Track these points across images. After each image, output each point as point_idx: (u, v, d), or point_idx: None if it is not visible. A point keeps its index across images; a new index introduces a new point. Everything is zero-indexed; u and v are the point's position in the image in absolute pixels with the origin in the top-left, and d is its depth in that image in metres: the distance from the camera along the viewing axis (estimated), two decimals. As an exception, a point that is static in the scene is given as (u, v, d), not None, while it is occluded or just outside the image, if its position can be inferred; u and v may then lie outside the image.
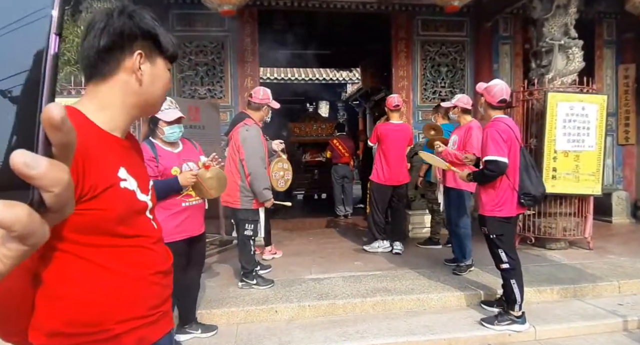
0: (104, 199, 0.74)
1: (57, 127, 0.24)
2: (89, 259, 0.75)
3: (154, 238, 0.89)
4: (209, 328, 2.67)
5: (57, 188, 0.25)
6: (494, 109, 2.75)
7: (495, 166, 2.60)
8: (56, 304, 0.74)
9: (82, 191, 0.71)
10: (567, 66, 4.32)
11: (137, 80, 0.82)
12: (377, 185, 4.19)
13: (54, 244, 0.72)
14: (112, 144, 0.81)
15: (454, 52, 6.25)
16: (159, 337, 0.88)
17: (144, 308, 0.84)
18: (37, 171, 0.23)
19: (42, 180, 0.24)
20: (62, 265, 0.73)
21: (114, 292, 0.79)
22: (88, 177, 0.71)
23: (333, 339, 2.57)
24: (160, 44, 0.84)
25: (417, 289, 3.16)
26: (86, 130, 0.76)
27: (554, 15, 4.27)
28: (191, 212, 2.32)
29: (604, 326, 2.75)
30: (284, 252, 4.26)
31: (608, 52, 6.44)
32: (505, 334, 2.62)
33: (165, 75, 0.87)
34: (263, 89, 3.31)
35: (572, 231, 4.25)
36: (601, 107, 4.21)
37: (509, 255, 2.65)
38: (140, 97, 0.84)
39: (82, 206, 0.72)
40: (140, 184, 0.85)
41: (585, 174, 4.16)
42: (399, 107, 4.20)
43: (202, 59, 5.66)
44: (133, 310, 0.82)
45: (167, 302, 0.92)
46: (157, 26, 0.84)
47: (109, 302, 0.79)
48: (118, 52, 0.79)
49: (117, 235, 0.78)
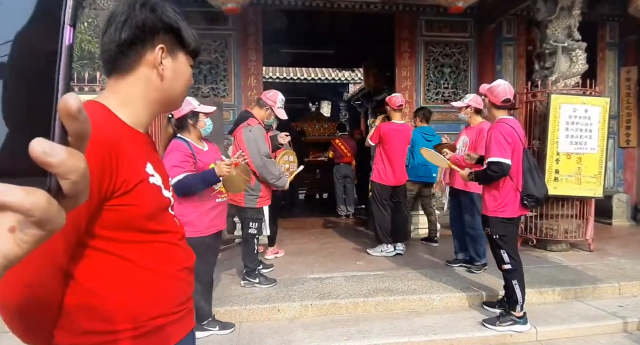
0: (136, 194, 0.73)
1: (74, 117, 0.25)
2: (122, 255, 0.75)
3: (179, 234, 0.89)
4: (226, 326, 2.69)
5: (74, 175, 0.25)
6: (498, 109, 2.76)
7: (499, 168, 2.61)
8: (89, 302, 0.73)
9: (115, 187, 0.70)
10: (570, 68, 4.32)
11: (159, 75, 0.80)
12: (380, 186, 4.16)
13: (86, 241, 0.72)
14: (137, 140, 0.80)
15: (458, 53, 6.26)
16: (184, 335, 0.87)
17: (173, 305, 0.84)
18: (56, 159, 0.24)
19: (60, 168, 0.24)
20: (94, 263, 0.73)
21: (146, 288, 0.79)
22: (121, 173, 0.71)
23: (335, 338, 2.58)
24: (182, 38, 0.83)
25: (420, 289, 3.17)
26: (115, 126, 0.76)
27: (558, 18, 4.27)
28: (222, 208, 2.49)
29: (605, 328, 2.76)
30: (286, 251, 4.28)
31: (611, 54, 6.45)
32: (507, 335, 2.64)
33: (187, 71, 0.86)
34: (275, 91, 3.32)
35: (574, 233, 4.27)
36: (604, 109, 4.21)
37: (511, 257, 2.66)
38: (162, 93, 0.83)
39: (115, 202, 0.71)
40: (164, 180, 0.86)
41: (588, 176, 4.17)
42: (402, 107, 4.19)
43: (206, 58, 5.66)
44: (164, 307, 0.82)
45: (192, 299, 0.92)
46: (180, 20, 0.83)
47: (142, 298, 0.78)
48: (140, 46, 0.78)
49: (147, 231, 0.78)
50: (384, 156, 4.12)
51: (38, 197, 0.24)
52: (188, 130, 2.36)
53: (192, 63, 0.88)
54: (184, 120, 2.34)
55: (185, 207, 2.28)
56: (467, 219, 3.58)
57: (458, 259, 3.81)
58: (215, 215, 2.41)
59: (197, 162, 2.28)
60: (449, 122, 6.14)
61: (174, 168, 2.21)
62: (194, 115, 2.35)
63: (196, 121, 2.36)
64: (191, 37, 0.85)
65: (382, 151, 4.13)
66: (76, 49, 3.36)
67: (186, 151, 2.27)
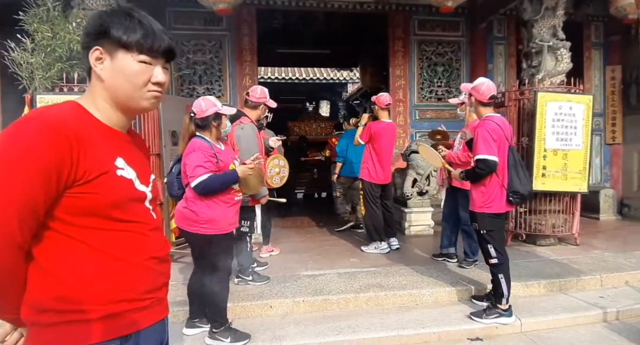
0: (98, 184, 0.81)
1: None
2: (81, 239, 0.82)
3: (150, 225, 0.93)
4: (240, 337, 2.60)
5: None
6: (485, 106, 2.82)
7: (485, 165, 2.68)
8: (46, 280, 0.80)
9: (76, 176, 0.78)
10: (556, 67, 4.41)
11: (97, 76, 0.88)
12: (369, 184, 4.20)
13: (47, 223, 0.79)
14: (110, 136, 0.88)
15: (450, 52, 6.34)
16: (151, 323, 0.91)
17: (136, 292, 0.88)
18: None
19: None
20: (53, 244, 0.80)
21: (107, 273, 0.84)
22: (82, 163, 0.79)
23: (326, 333, 2.64)
24: (116, 36, 0.85)
25: (410, 284, 3.24)
26: (82, 122, 0.84)
27: (543, 17, 4.36)
28: (238, 206, 2.56)
29: (585, 318, 2.85)
30: (282, 249, 4.33)
31: (596, 53, 6.57)
32: (493, 327, 2.72)
33: (129, 68, 0.86)
34: (260, 87, 3.38)
35: (561, 228, 4.35)
36: (587, 107, 4.30)
37: (498, 251, 2.74)
38: (109, 92, 0.88)
39: (77, 190, 0.79)
40: (139, 175, 0.91)
41: (573, 172, 4.25)
42: (389, 105, 4.24)
43: (201, 58, 5.72)
44: (126, 293, 0.86)
45: (162, 289, 0.96)
46: (115, 20, 0.85)
47: (102, 282, 0.83)
48: (87, 51, 0.87)
49: (111, 218, 0.84)
50: (373, 154, 4.16)
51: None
52: (209, 130, 2.42)
53: (143, 59, 0.87)
54: (207, 121, 2.40)
55: (207, 205, 2.34)
56: (463, 215, 3.63)
57: (442, 253, 3.91)
58: (234, 213, 2.50)
59: (218, 161, 2.36)
60: (442, 119, 6.20)
61: (197, 168, 2.27)
62: (217, 117, 2.42)
63: (219, 122, 2.44)
64: (126, 32, 0.85)
65: (372, 149, 4.17)
66: (65, 49, 3.40)
67: (209, 151, 2.34)
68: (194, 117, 2.42)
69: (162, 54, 0.90)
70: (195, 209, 2.35)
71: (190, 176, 2.30)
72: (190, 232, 2.40)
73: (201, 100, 2.45)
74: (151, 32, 0.87)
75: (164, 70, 0.92)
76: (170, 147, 4.04)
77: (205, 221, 2.35)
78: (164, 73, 0.91)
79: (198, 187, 2.30)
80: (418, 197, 5.02)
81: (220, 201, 2.38)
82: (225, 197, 2.40)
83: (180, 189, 2.52)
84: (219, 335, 2.49)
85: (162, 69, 0.91)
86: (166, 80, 0.92)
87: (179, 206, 2.47)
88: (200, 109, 2.40)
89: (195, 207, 2.35)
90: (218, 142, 2.50)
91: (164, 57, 0.91)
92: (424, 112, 6.32)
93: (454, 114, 5.31)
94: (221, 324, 2.50)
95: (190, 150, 2.35)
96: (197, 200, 2.35)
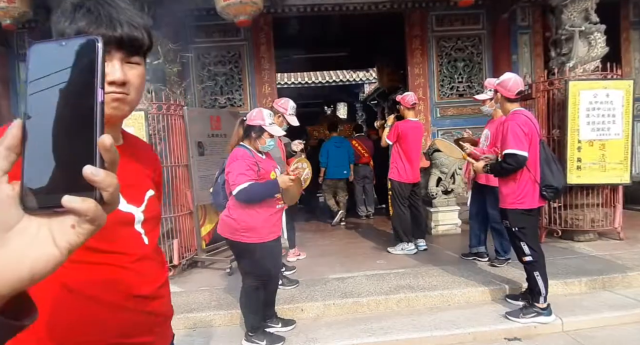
0: None
1: (108, 150, 0.37)
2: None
3: (135, 256, 0.77)
4: (288, 322, 2.79)
5: (111, 188, 0.36)
6: (512, 102, 2.75)
7: (514, 160, 2.60)
8: None
9: None
10: (589, 52, 4.20)
11: None
12: (399, 184, 4.19)
13: None
14: None
15: (471, 46, 6.19)
16: None
17: (111, 335, 0.73)
18: (98, 178, 0.35)
19: (102, 183, 0.35)
20: None
21: (73, 312, 0.70)
22: None
23: (358, 335, 2.64)
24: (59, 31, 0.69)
25: (441, 285, 3.18)
26: None
27: (574, 1, 4.17)
28: (280, 215, 2.57)
29: (634, 316, 2.70)
30: (308, 253, 4.36)
31: (635, 34, 6.17)
32: (531, 326, 2.62)
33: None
34: (286, 99, 3.49)
35: (601, 222, 4.13)
36: (627, 92, 4.06)
37: (531, 248, 2.64)
38: None
39: None
40: (128, 193, 0.76)
41: (613, 162, 4.03)
42: (415, 105, 4.22)
43: (221, 69, 5.88)
44: (95, 335, 0.72)
45: (149, 333, 0.79)
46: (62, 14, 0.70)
47: (67, 321, 0.70)
48: None
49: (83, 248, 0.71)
50: (402, 154, 4.15)
51: (90, 202, 0.35)
52: (250, 139, 2.48)
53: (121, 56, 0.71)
54: (250, 130, 2.46)
55: (248, 213, 2.38)
56: (492, 213, 3.53)
57: (472, 252, 3.81)
58: (275, 221, 2.50)
59: (259, 170, 2.40)
60: (465, 116, 6.08)
61: (240, 175, 2.32)
62: (260, 130, 2.46)
63: (258, 136, 2.46)
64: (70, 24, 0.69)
65: (400, 149, 4.17)
66: None
67: (250, 160, 2.37)
68: (244, 122, 2.49)
69: (117, 44, 0.69)
70: (236, 217, 2.39)
71: (232, 184, 2.33)
72: (233, 240, 2.45)
73: (255, 110, 2.52)
74: (99, 18, 0.68)
75: (127, 66, 0.72)
76: (197, 157, 4.17)
77: (245, 230, 2.39)
78: (123, 69, 0.71)
79: (240, 195, 2.32)
80: (443, 196, 4.92)
81: (262, 210, 2.40)
82: (267, 206, 2.42)
83: (225, 198, 2.56)
84: (255, 338, 2.55)
85: (120, 64, 0.70)
86: (127, 78, 0.71)
87: (223, 215, 2.52)
88: (250, 117, 2.47)
89: (236, 215, 2.40)
90: (258, 151, 2.53)
91: (122, 49, 0.70)
92: (445, 110, 6.20)
93: (476, 109, 5.18)
94: (257, 328, 2.56)
95: (233, 159, 2.39)
96: (238, 209, 2.39)
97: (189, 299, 3.22)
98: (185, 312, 2.96)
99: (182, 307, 3.04)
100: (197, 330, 2.87)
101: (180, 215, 4.01)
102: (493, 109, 3.55)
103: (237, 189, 2.31)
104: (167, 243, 3.80)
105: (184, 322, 2.90)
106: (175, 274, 3.84)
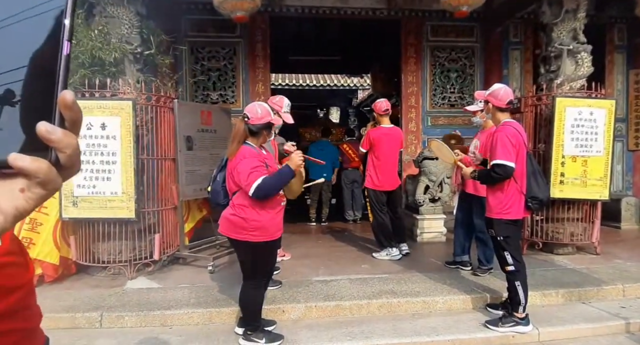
0: None
1: (70, 107, 0.33)
2: None
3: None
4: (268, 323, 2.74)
5: (69, 150, 0.32)
6: (503, 111, 2.80)
7: (502, 170, 2.65)
8: None
9: None
10: (575, 71, 4.32)
11: None
12: (373, 192, 4.18)
13: None
14: None
15: (464, 58, 6.30)
16: None
17: None
18: (55, 136, 0.31)
19: (58, 143, 0.32)
20: None
21: None
22: None
23: (338, 338, 2.63)
24: None
25: (423, 291, 3.20)
26: None
27: (563, 20, 4.29)
28: (283, 212, 2.51)
29: (607, 328, 2.77)
30: (293, 255, 4.34)
31: (619, 57, 6.40)
32: (509, 336, 2.65)
33: None
34: (281, 97, 3.42)
35: (580, 236, 4.24)
36: (609, 112, 4.20)
37: (514, 258, 2.69)
38: None
39: None
40: None
41: (593, 179, 4.14)
42: (388, 111, 4.15)
43: (215, 65, 5.82)
44: None
45: None
46: None
47: None
48: None
49: None
50: (375, 161, 4.14)
51: (41, 162, 0.32)
52: (258, 137, 2.41)
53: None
54: (260, 127, 2.38)
55: (257, 211, 2.33)
56: (478, 222, 3.57)
57: (455, 260, 3.84)
58: (280, 219, 2.48)
59: (267, 167, 2.37)
60: (455, 126, 6.16)
61: (251, 174, 2.25)
62: (269, 126, 2.43)
63: (269, 132, 2.46)
64: None
65: (373, 156, 4.15)
66: (87, 56, 3.50)
67: (259, 156, 2.34)
68: (247, 122, 2.37)
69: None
70: (245, 215, 2.33)
71: (247, 184, 2.26)
72: (239, 240, 2.37)
73: (257, 107, 2.40)
74: None
75: None
76: (185, 152, 4.10)
77: (254, 228, 2.34)
78: None
79: (258, 191, 2.25)
80: (430, 204, 4.97)
81: (269, 207, 2.36)
82: (273, 203, 2.39)
83: (226, 197, 2.47)
84: (253, 336, 2.54)
85: None
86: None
87: (226, 214, 2.43)
88: (256, 115, 2.36)
89: (245, 214, 2.33)
90: (262, 148, 2.50)
91: None
92: (437, 119, 6.28)
93: (466, 120, 5.27)
94: (256, 327, 2.55)
95: (241, 158, 2.32)
96: (247, 207, 2.33)
97: (167, 295, 3.16)
98: (162, 309, 2.89)
99: (159, 303, 2.97)
100: (174, 328, 2.81)
101: (164, 209, 3.93)
102: (483, 120, 3.61)
103: (253, 188, 2.24)
104: (148, 237, 3.72)
105: (161, 319, 2.83)
106: (154, 269, 3.76)
